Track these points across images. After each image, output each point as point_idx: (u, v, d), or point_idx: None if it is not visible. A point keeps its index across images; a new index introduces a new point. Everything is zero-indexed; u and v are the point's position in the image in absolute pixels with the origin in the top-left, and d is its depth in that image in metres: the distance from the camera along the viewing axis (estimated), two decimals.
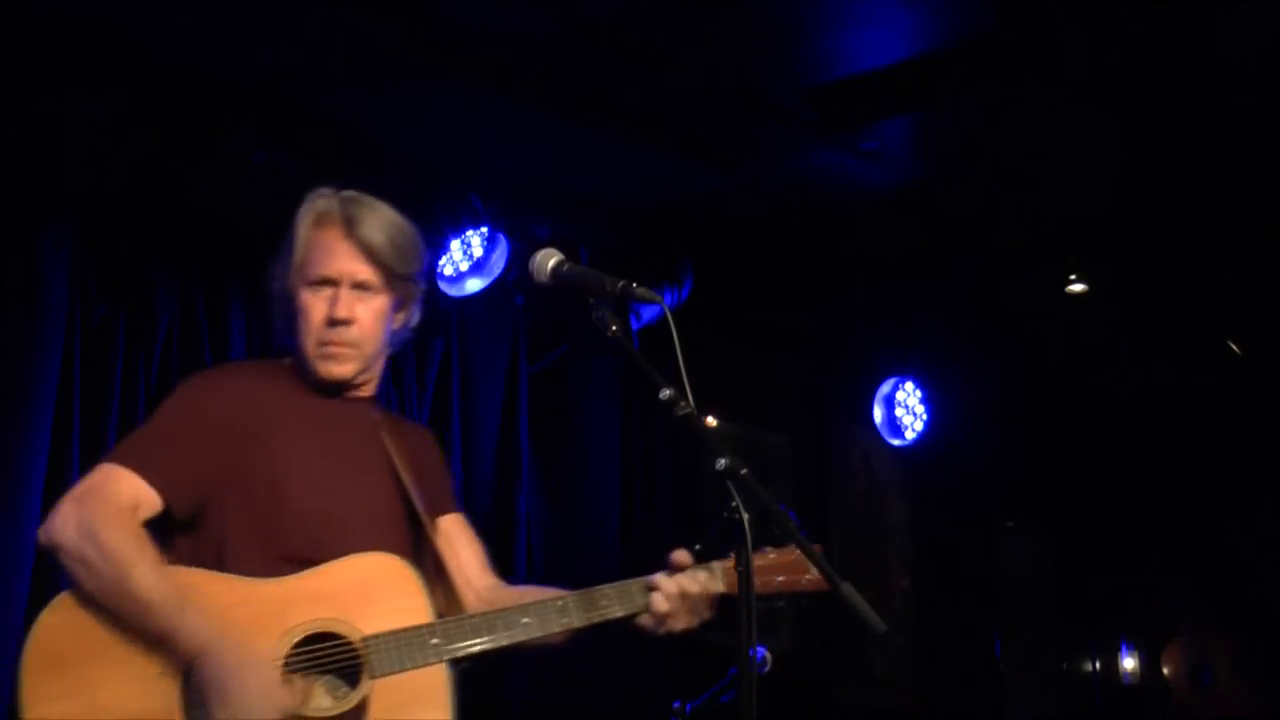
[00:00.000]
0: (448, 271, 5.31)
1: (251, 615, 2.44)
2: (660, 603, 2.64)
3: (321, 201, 2.74)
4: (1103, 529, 8.22)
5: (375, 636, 2.47)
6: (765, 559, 2.74)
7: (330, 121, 4.83)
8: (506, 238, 5.26)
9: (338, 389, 2.73)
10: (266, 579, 2.49)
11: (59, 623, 2.41)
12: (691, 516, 6.25)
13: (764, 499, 2.19)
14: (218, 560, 2.52)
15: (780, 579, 2.76)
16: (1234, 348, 6.92)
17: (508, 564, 4.75)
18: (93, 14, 4.12)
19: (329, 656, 2.47)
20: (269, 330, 4.95)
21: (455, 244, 5.30)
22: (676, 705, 4.25)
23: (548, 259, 2.64)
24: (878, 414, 7.32)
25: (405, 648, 2.49)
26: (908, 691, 7.46)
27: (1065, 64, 4.60)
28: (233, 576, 2.49)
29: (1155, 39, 4.42)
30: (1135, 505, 7.98)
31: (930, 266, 6.41)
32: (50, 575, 4.25)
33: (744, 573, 2.18)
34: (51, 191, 4.40)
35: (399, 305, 2.76)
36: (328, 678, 2.47)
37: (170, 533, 2.56)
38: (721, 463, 2.21)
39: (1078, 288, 6.57)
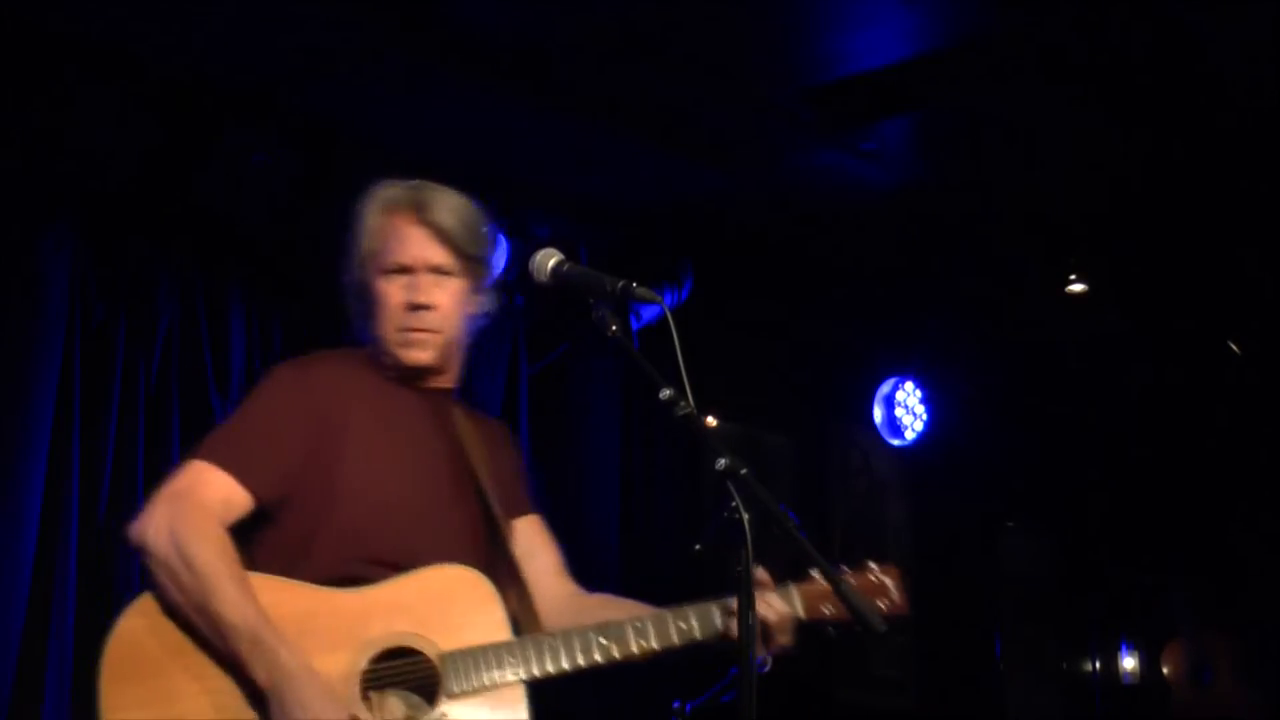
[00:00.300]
0: None
1: (329, 627, 2.43)
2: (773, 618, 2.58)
3: (389, 190, 2.72)
4: (1103, 529, 8.22)
5: (453, 653, 2.45)
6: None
7: (330, 121, 4.83)
8: (506, 238, 5.26)
9: (419, 379, 2.71)
10: (345, 589, 2.48)
11: (142, 627, 2.41)
12: (691, 516, 6.26)
13: (764, 499, 2.20)
14: (299, 552, 2.51)
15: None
16: (1234, 348, 6.93)
17: None
18: (93, 14, 4.12)
19: (407, 672, 2.45)
20: (269, 330, 5.00)
21: None
22: (676, 705, 4.25)
23: (548, 259, 2.64)
24: (878, 414, 7.33)
25: (483, 666, 2.46)
26: (908, 691, 7.47)
27: (1065, 64, 4.60)
28: (311, 586, 2.47)
29: (1155, 39, 4.42)
30: (1135, 505, 7.98)
31: (930, 266, 6.41)
32: (50, 575, 4.28)
33: (744, 573, 2.18)
34: (51, 191, 4.40)
35: (475, 289, 2.73)
36: (404, 693, 2.44)
37: (254, 522, 2.54)
38: (721, 463, 2.21)
39: (1078, 288, 6.57)
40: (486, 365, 5.64)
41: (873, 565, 2.82)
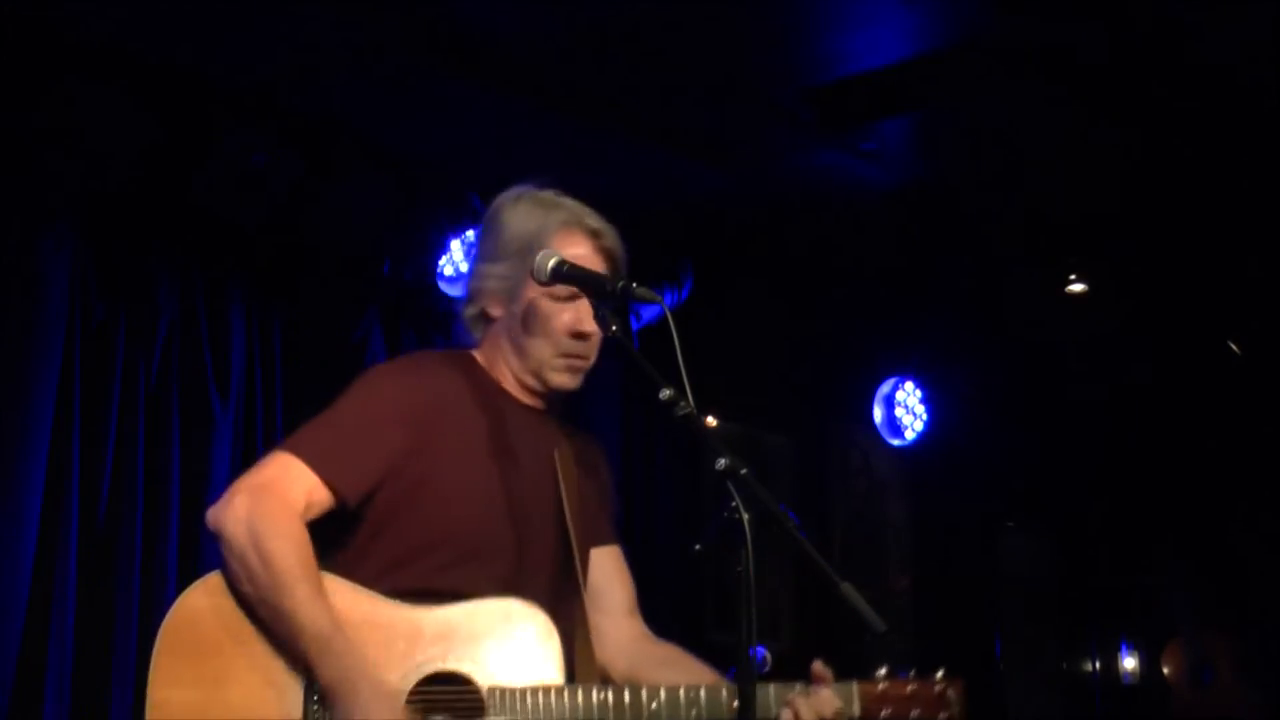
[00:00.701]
0: (448, 272, 5.29)
1: (383, 640, 2.41)
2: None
3: (563, 203, 2.72)
4: (1103, 529, 8.22)
5: (503, 688, 2.43)
6: (903, 690, 2.65)
7: (330, 121, 4.83)
8: None
9: (532, 398, 2.69)
10: (405, 604, 2.46)
11: (205, 606, 2.39)
12: (691, 516, 6.25)
13: (764, 499, 2.19)
14: (362, 554, 2.50)
15: (915, 713, 2.66)
16: (1234, 348, 6.92)
17: None
18: (93, 14, 4.12)
19: (453, 700, 2.43)
20: (269, 330, 4.99)
21: (455, 244, 5.28)
22: None
23: (548, 259, 2.64)
24: (878, 414, 7.33)
25: (531, 707, 2.44)
26: None
27: (1065, 64, 4.60)
28: (372, 595, 2.45)
29: (1155, 39, 4.42)
30: (1135, 505, 7.97)
31: (930, 266, 6.42)
32: (50, 575, 4.28)
33: (744, 572, 2.17)
34: (51, 191, 4.40)
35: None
36: (444, 718, 2.43)
37: (332, 518, 2.51)
38: (721, 463, 2.21)
39: (1078, 288, 6.57)
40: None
41: (939, 676, 2.73)
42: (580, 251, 2.67)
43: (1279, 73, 4.59)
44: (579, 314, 2.64)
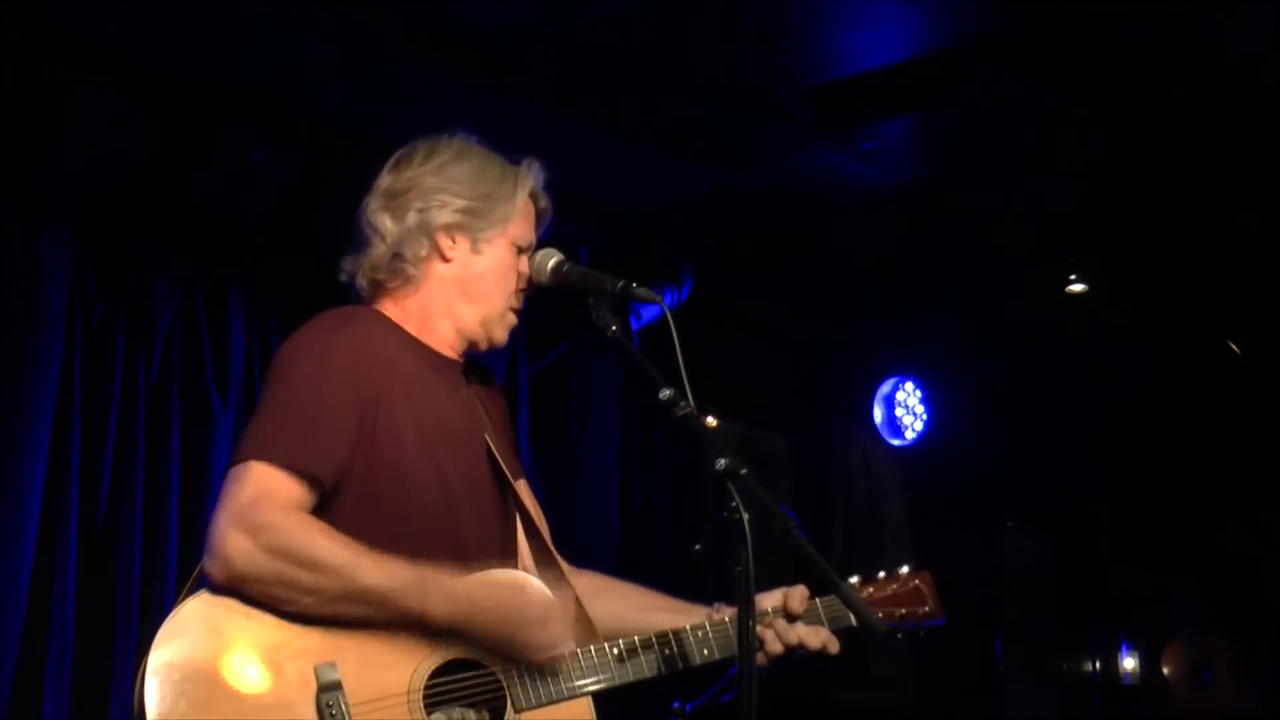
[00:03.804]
0: None
1: (385, 634, 2.32)
2: (774, 644, 2.60)
3: (526, 165, 2.73)
4: (1103, 529, 8.22)
5: (518, 667, 2.39)
6: (885, 590, 2.79)
7: (330, 121, 4.83)
8: None
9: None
10: None
11: (193, 639, 2.23)
12: (691, 516, 6.26)
13: (764, 499, 2.20)
14: (349, 531, 2.37)
15: (902, 611, 2.81)
16: (1234, 348, 6.93)
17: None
18: (93, 14, 4.12)
19: (469, 688, 2.37)
20: (269, 330, 4.99)
21: None
22: (676, 705, 4.25)
23: (548, 259, 2.65)
24: (878, 414, 7.33)
25: (549, 680, 2.41)
26: (907, 691, 7.46)
27: (1065, 64, 4.60)
28: None
29: (1155, 39, 4.42)
30: (1135, 505, 7.97)
31: (930, 266, 6.42)
32: (50, 575, 4.28)
33: (744, 572, 2.18)
34: (51, 191, 4.40)
35: None
36: (466, 710, 2.37)
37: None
38: (721, 463, 2.21)
39: (1078, 288, 6.58)
40: (486, 365, 5.64)
41: (904, 571, 2.85)
42: (534, 218, 2.72)
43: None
44: (522, 270, 2.68)
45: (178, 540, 4.56)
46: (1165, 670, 7.84)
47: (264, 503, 2.26)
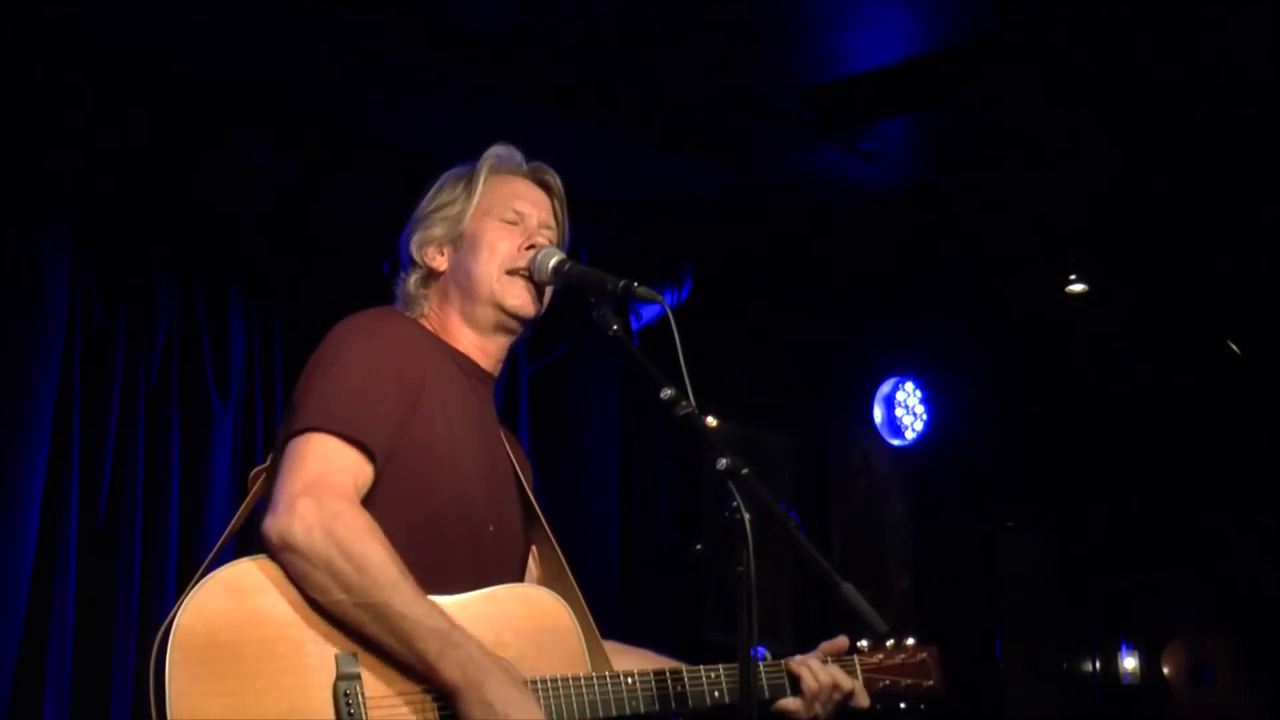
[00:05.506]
0: None
1: None
2: (809, 680, 2.68)
3: (495, 151, 2.79)
4: (1103, 529, 8.22)
5: (540, 681, 2.40)
6: (894, 658, 2.86)
7: (330, 121, 4.83)
8: None
9: (482, 357, 2.67)
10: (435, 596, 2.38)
11: (221, 609, 2.24)
12: (691, 516, 6.25)
13: (765, 499, 2.20)
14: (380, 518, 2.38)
15: (907, 682, 2.88)
16: (1234, 348, 6.93)
17: None
18: (93, 14, 4.12)
19: None
20: (269, 330, 4.99)
21: None
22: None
23: (549, 258, 2.65)
24: (878, 414, 7.33)
25: (570, 698, 2.42)
26: None
27: (1065, 64, 4.60)
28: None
29: (1155, 39, 4.43)
30: (1135, 505, 7.97)
31: (930, 266, 6.42)
32: (50, 575, 4.28)
33: (744, 572, 2.18)
34: (51, 191, 4.40)
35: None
36: None
37: None
38: (722, 462, 2.22)
39: (1078, 288, 6.58)
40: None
41: (912, 643, 2.95)
42: (519, 189, 2.74)
43: (1278, 73, 4.59)
44: (527, 232, 2.69)
45: (178, 540, 4.56)
46: (1165, 670, 7.84)
47: (332, 480, 2.31)
